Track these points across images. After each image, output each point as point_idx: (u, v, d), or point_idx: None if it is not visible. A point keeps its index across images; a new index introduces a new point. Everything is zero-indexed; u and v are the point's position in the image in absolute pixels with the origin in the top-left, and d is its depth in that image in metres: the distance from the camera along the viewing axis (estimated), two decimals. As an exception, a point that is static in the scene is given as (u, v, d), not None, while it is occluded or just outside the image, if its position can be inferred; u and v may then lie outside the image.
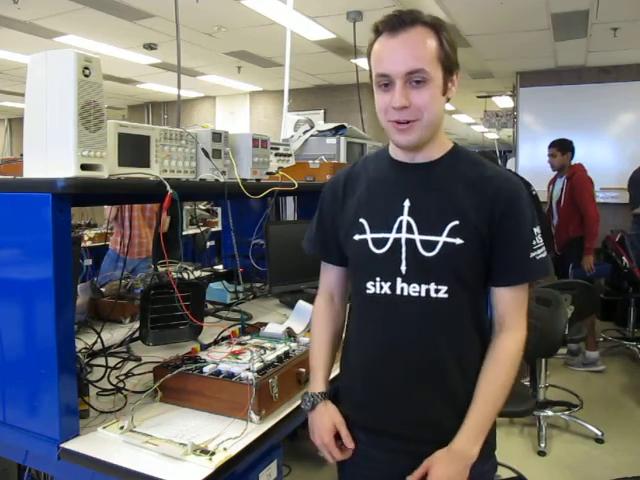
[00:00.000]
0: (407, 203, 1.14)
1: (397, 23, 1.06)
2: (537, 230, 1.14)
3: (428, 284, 1.12)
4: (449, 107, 9.41)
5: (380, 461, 1.21)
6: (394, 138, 1.14)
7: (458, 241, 1.09)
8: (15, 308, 1.23)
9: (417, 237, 1.12)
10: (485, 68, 6.61)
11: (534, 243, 1.12)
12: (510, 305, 1.15)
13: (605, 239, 5.17)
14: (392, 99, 1.07)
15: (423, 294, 1.12)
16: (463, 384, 1.15)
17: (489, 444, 1.18)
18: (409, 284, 1.13)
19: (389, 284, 1.14)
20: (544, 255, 1.13)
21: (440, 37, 1.08)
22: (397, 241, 1.13)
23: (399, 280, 1.13)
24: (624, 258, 4.62)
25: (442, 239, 1.10)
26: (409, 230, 1.13)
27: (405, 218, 1.13)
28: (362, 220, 1.18)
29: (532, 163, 6.55)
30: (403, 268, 1.13)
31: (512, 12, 4.51)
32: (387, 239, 1.14)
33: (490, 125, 7.72)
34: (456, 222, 1.10)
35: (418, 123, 1.09)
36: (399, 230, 1.13)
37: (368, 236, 1.16)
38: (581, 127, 6.29)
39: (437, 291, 1.11)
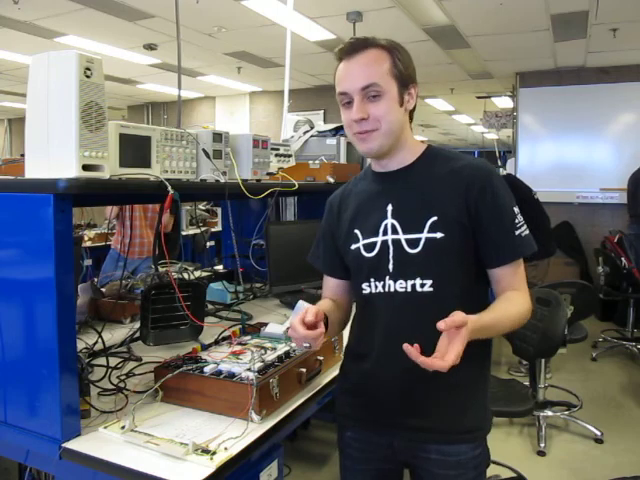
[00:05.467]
0: (390, 207, 1.23)
1: (351, 49, 1.18)
2: (517, 209, 1.20)
3: (414, 279, 1.19)
4: (449, 107, 9.42)
5: (375, 444, 1.29)
6: (358, 148, 1.24)
7: (439, 235, 1.17)
8: (17, 308, 1.23)
9: (402, 237, 1.20)
10: (485, 69, 6.62)
11: (517, 221, 1.19)
12: (510, 279, 1.21)
13: (604, 240, 5.18)
14: (351, 113, 1.18)
15: (409, 289, 1.19)
16: (456, 373, 1.15)
17: (482, 430, 1.25)
18: (395, 281, 1.20)
19: (382, 283, 1.22)
20: (527, 232, 1.20)
21: (393, 56, 1.19)
22: (384, 243, 1.22)
23: (387, 278, 1.21)
24: (623, 259, 4.63)
25: (424, 235, 1.18)
26: (394, 231, 1.21)
27: (389, 221, 1.22)
28: (356, 231, 1.28)
29: (531, 164, 6.57)
30: (390, 267, 1.21)
31: (512, 13, 4.52)
32: (375, 243, 1.23)
33: (490, 125, 7.72)
34: (435, 218, 1.18)
35: (377, 132, 1.18)
36: (385, 233, 1.22)
37: (360, 243, 1.26)
38: (580, 128, 6.31)
39: (422, 285, 1.18)
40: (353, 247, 1.27)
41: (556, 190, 6.18)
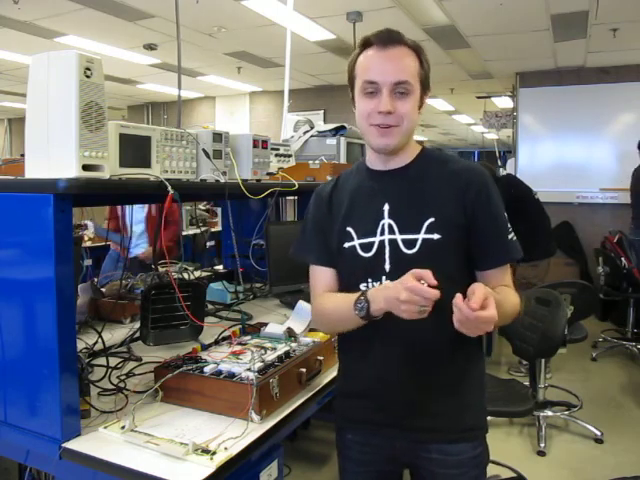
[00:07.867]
0: (387, 207, 1.22)
1: (387, 39, 1.18)
2: (505, 215, 1.23)
3: None
4: (449, 107, 9.42)
5: (376, 445, 1.28)
6: (374, 141, 1.22)
7: (436, 236, 1.17)
8: (17, 308, 1.23)
9: (398, 237, 1.20)
10: (485, 69, 6.61)
11: (508, 226, 1.22)
12: (499, 280, 1.21)
13: (604, 240, 5.17)
14: (379, 104, 1.17)
15: None
16: (454, 371, 1.23)
17: (482, 429, 1.27)
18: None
19: (379, 283, 1.21)
20: (515, 237, 1.23)
21: (421, 59, 1.20)
22: (382, 243, 1.21)
23: (384, 278, 1.20)
24: (623, 259, 4.62)
25: (421, 236, 1.18)
26: (391, 231, 1.21)
27: (386, 221, 1.22)
28: (349, 229, 1.26)
29: (531, 164, 6.56)
30: (387, 267, 1.20)
31: (512, 13, 4.52)
32: (373, 243, 1.22)
33: (490, 125, 7.72)
34: (432, 219, 1.18)
35: (398, 129, 1.19)
36: (382, 233, 1.21)
37: (356, 242, 1.24)
38: (580, 128, 6.30)
39: None
40: (347, 245, 1.25)
41: (556, 190, 6.18)
